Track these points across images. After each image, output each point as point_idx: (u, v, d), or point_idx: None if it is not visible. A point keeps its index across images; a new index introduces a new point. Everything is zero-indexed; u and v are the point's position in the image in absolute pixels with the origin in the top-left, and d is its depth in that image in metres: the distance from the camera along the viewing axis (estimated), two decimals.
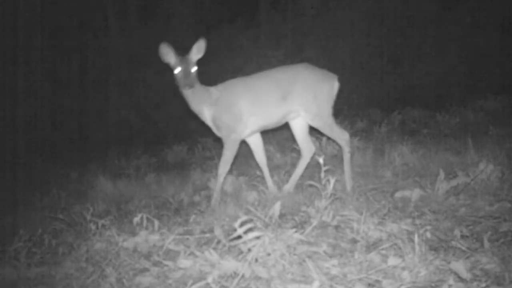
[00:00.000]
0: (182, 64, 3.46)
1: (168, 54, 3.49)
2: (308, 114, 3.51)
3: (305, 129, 3.74)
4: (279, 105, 3.50)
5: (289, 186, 3.69)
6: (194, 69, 3.51)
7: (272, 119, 3.57)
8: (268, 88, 3.51)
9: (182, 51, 3.54)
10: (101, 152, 7.46)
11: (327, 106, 3.52)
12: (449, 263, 2.01)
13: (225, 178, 3.67)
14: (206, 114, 3.56)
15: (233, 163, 3.62)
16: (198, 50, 3.53)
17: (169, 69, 3.54)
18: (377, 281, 1.99)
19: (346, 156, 3.55)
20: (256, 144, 3.77)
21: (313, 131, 3.83)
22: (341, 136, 3.55)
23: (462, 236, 2.34)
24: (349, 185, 3.50)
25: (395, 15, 10.03)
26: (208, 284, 2.02)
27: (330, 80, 3.55)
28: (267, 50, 10.09)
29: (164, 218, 3.32)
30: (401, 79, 9.54)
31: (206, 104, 3.53)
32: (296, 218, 2.84)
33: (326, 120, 3.52)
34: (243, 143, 3.72)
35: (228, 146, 3.52)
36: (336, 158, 4.50)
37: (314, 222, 2.58)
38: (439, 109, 6.57)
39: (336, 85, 3.56)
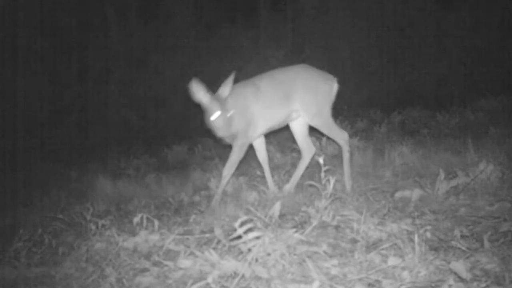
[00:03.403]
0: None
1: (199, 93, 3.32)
2: (307, 113, 3.53)
3: (305, 130, 3.75)
4: (283, 106, 3.52)
5: (290, 186, 3.70)
6: (231, 112, 3.34)
7: (278, 120, 3.59)
8: (273, 90, 3.52)
9: (182, 51, 3.52)
10: (101, 152, 7.46)
11: (326, 106, 3.55)
12: (449, 263, 2.01)
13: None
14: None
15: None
16: (229, 86, 3.37)
17: (168, 68, 3.52)
18: (377, 281, 1.99)
19: (346, 155, 3.56)
20: (259, 143, 3.78)
21: (313, 132, 3.83)
22: (341, 136, 3.57)
23: (462, 236, 2.34)
24: (348, 185, 3.51)
25: (395, 15, 10.02)
26: (208, 284, 2.02)
27: (328, 81, 3.58)
28: (267, 50, 10.10)
29: (164, 218, 3.32)
30: (401, 79, 9.54)
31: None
32: (296, 218, 2.85)
33: (325, 120, 3.55)
34: None
35: (236, 150, 3.50)
36: (336, 158, 4.50)
37: (314, 222, 2.58)
38: (439, 109, 6.57)
39: (335, 87, 3.58)
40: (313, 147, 3.81)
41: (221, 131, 3.32)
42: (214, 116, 3.28)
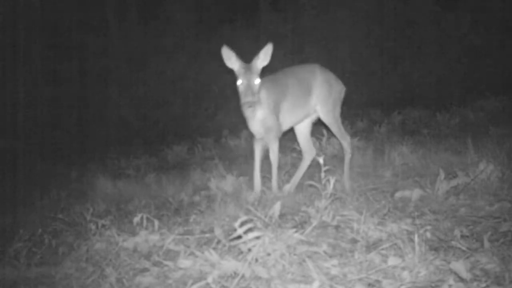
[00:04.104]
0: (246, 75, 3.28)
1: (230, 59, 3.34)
2: (323, 107, 3.63)
3: (308, 132, 3.83)
4: (306, 102, 3.60)
5: (290, 186, 3.71)
6: (257, 81, 3.32)
7: (301, 115, 3.66)
8: (298, 86, 3.58)
9: (182, 51, 3.51)
10: (101, 152, 7.45)
11: (338, 105, 3.70)
12: (449, 263, 2.01)
13: (225, 178, 3.70)
14: (259, 114, 3.44)
15: (232, 163, 3.60)
16: (264, 57, 3.37)
17: (168, 68, 3.51)
18: (377, 281, 1.99)
19: (347, 157, 3.67)
20: None
21: (314, 132, 3.84)
22: (346, 138, 3.70)
23: (462, 236, 2.34)
24: (347, 185, 3.55)
25: (395, 15, 10.02)
26: (208, 284, 2.02)
27: (339, 81, 3.75)
28: None
29: (164, 218, 3.32)
30: (401, 79, 9.54)
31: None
32: (296, 218, 2.85)
33: (337, 119, 3.69)
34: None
35: (273, 140, 3.52)
36: (336, 158, 4.50)
37: (314, 222, 2.58)
38: (439, 109, 6.58)
39: (343, 90, 3.75)
40: (314, 149, 3.85)
41: (244, 97, 3.27)
42: (239, 82, 3.29)
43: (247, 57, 3.43)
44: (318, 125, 3.87)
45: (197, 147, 6.48)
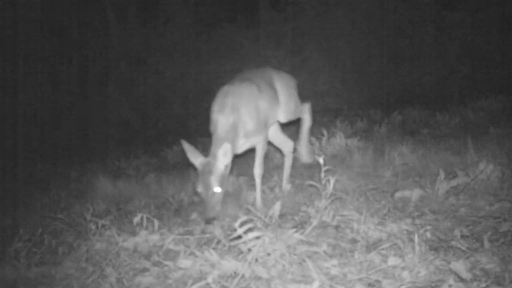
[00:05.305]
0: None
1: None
2: (285, 112, 3.59)
3: (277, 127, 3.77)
4: (276, 103, 3.52)
5: (284, 185, 3.71)
6: (218, 189, 2.93)
7: (274, 116, 3.58)
8: (267, 86, 3.49)
9: (182, 51, 3.50)
10: (101, 152, 7.46)
11: (297, 98, 3.68)
12: (449, 263, 2.01)
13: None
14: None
15: (232, 163, 3.56)
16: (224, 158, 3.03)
17: (168, 68, 3.50)
18: (377, 281, 1.99)
19: (306, 124, 3.70)
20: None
21: (314, 133, 3.83)
22: (304, 108, 3.69)
23: (462, 236, 2.34)
24: (304, 152, 3.64)
25: (395, 15, 10.02)
26: (208, 284, 2.02)
27: (292, 77, 3.73)
28: (267, 50, 10.09)
29: (164, 218, 3.33)
30: (401, 79, 9.53)
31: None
32: (296, 218, 2.85)
33: (297, 105, 3.65)
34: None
35: (261, 146, 3.36)
36: (336, 158, 4.50)
37: (314, 222, 2.58)
38: (439, 109, 6.58)
39: (295, 81, 3.75)
40: (290, 141, 3.82)
41: (204, 210, 2.97)
42: (198, 188, 2.98)
43: (247, 57, 3.42)
44: (318, 126, 3.86)
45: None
